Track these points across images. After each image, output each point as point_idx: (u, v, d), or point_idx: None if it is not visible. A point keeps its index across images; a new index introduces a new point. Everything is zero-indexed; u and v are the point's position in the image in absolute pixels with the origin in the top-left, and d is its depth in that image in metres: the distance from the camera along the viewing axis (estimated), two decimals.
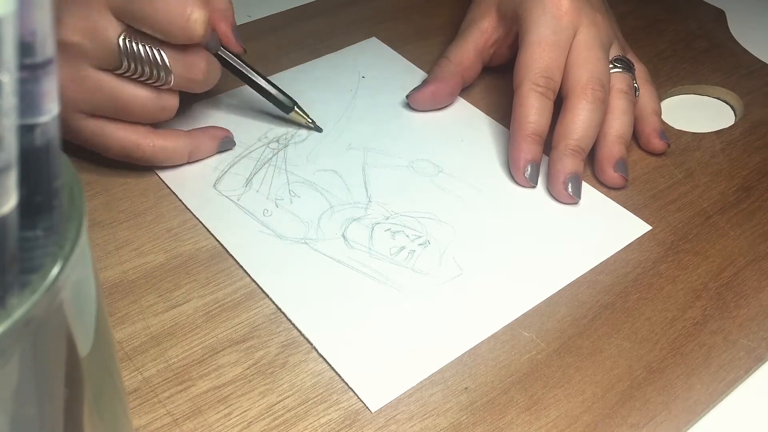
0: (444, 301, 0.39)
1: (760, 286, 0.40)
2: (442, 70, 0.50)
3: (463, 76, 0.51)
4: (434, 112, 0.51)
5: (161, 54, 0.41)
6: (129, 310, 0.38)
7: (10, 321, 0.15)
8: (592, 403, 0.35)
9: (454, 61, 0.50)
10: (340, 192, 0.44)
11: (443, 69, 0.50)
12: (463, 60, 0.50)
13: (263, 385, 0.35)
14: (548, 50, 0.45)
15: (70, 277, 0.17)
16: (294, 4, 0.60)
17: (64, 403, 0.19)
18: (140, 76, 0.41)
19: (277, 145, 0.47)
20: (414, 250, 0.41)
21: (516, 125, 0.45)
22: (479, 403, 0.34)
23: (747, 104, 0.53)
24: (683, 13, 0.62)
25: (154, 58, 0.40)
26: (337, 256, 0.41)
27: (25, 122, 0.16)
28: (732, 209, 0.45)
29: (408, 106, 0.51)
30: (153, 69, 0.41)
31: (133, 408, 0.34)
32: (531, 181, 0.45)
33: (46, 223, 0.17)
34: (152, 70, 0.41)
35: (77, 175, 0.19)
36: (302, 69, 0.54)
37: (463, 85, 0.51)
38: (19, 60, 0.15)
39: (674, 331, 0.38)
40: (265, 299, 0.39)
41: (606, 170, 0.45)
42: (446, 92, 0.50)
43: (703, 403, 0.35)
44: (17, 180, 0.16)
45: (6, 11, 0.14)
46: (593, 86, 0.45)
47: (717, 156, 0.48)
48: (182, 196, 0.44)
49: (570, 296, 0.39)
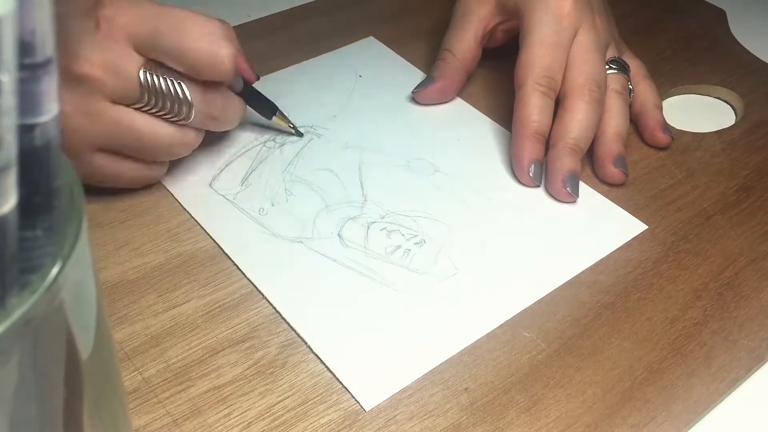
0: (439, 301, 0.39)
1: (761, 287, 0.40)
2: (448, 66, 0.50)
3: (467, 69, 0.51)
4: (431, 112, 0.51)
5: (182, 88, 0.40)
6: (129, 311, 0.38)
7: (10, 321, 0.15)
8: (593, 404, 0.35)
9: (458, 56, 0.50)
10: (336, 191, 0.44)
11: (449, 65, 0.50)
12: (467, 53, 0.51)
13: (263, 386, 0.35)
14: (550, 50, 0.46)
15: (70, 277, 0.17)
16: (293, 4, 0.60)
17: (64, 403, 0.19)
18: (161, 110, 0.40)
19: (273, 144, 0.47)
20: (409, 249, 0.41)
21: (519, 124, 0.45)
22: (479, 404, 0.34)
23: (747, 104, 0.53)
24: (684, 13, 0.62)
25: (175, 92, 0.39)
26: (333, 255, 0.41)
27: (25, 122, 0.16)
28: (732, 209, 0.45)
29: (406, 105, 0.51)
30: (174, 103, 0.40)
31: (132, 408, 0.34)
32: (535, 180, 0.45)
33: (46, 223, 0.17)
34: (173, 105, 0.40)
35: (77, 175, 0.19)
36: (299, 68, 0.54)
37: (468, 77, 0.52)
38: (19, 60, 0.15)
39: (675, 331, 0.38)
40: (265, 299, 0.38)
41: (606, 166, 0.45)
42: (453, 88, 0.51)
43: (704, 403, 0.35)
44: (17, 180, 0.16)
45: (6, 11, 0.14)
46: (590, 87, 0.45)
47: (717, 156, 0.48)
48: (178, 195, 0.44)
49: (570, 296, 0.39)
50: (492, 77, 0.53)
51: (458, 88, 0.51)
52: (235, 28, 0.56)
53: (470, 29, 0.51)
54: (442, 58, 0.51)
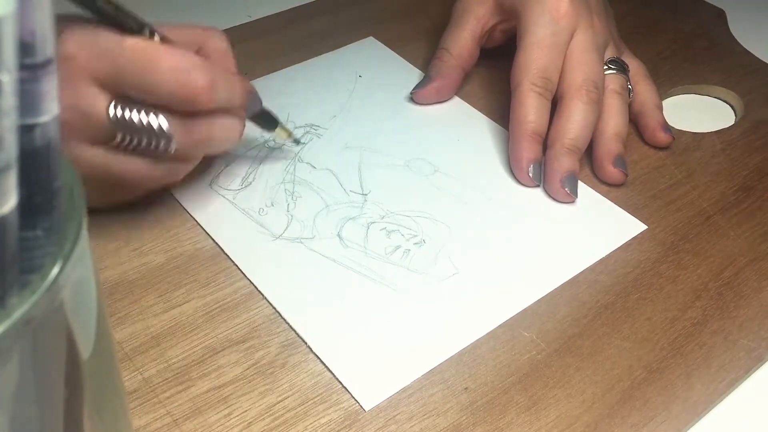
0: (439, 300, 0.39)
1: (760, 286, 0.40)
2: (444, 65, 0.50)
3: (464, 68, 0.51)
4: (431, 112, 0.51)
5: (159, 119, 0.36)
6: (129, 311, 0.38)
7: (10, 321, 0.15)
8: (592, 404, 0.35)
9: (455, 54, 0.50)
10: (335, 191, 0.44)
11: (445, 64, 0.50)
12: (463, 52, 0.51)
13: (263, 386, 0.35)
14: (546, 51, 0.46)
15: (70, 277, 0.17)
16: (294, 4, 0.61)
17: (64, 403, 0.19)
18: (138, 145, 0.36)
19: (273, 144, 0.47)
20: (409, 249, 0.41)
21: (516, 125, 0.45)
22: (479, 403, 0.34)
23: (747, 104, 0.53)
24: (683, 13, 0.62)
25: (150, 125, 0.36)
26: (333, 255, 0.41)
27: (25, 122, 0.16)
28: (732, 209, 0.45)
29: (406, 105, 0.51)
30: (152, 138, 0.36)
31: (133, 408, 0.34)
32: (534, 180, 0.45)
33: (46, 223, 0.17)
34: (151, 139, 0.36)
35: (77, 175, 0.19)
36: (299, 68, 0.54)
37: (465, 76, 0.52)
38: (19, 60, 0.15)
39: (674, 331, 0.38)
40: (265, 299, 0.38)
41: (605, 167, 0.45)
42: (450, 87, 0.51)
43: (703, 403, 0.35)
44: (17, 180, 0.16)
45: (6, 11, 0.14)
46: (588, 88, 0.45)
47: (717, 156, 0.48)
48: (178, 195, 0.44)
49: (570, 296, 0.39)
50: (492, 77, 0.53)
51: (456, 86, 0.51)
52: (235, 28, 0.57)
53: (467, 28, 0.51)
54: (438, 57, 0.51)
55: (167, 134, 0.36)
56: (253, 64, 0.53)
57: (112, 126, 0.36)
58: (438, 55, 0.51)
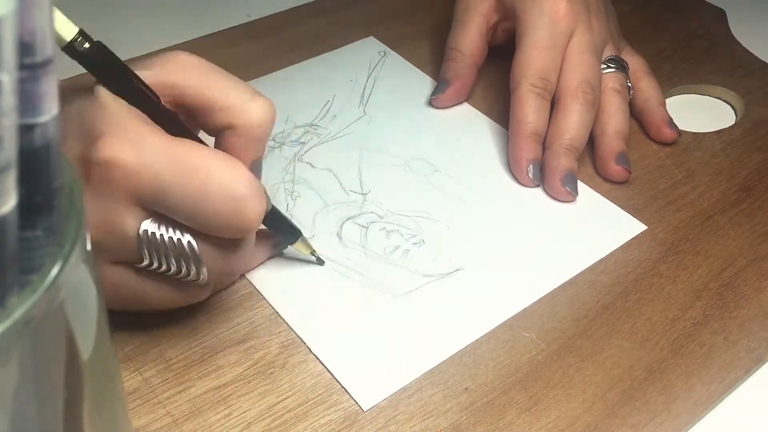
0: (438, 301, 0.39)
1: (761, 286, 0.40)
2: (459, 66, 0.50)
3: (477, 65, 0.51)
4: (431, 112, 0.51)
5: (192, 246, 0.32)
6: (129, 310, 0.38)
7: (10, 321, 0.15)
8: (593, 404, 0.35)
9: (467, 54, 0.51)
10: (335, 190, 0.44)
11: (459, 65, 0.50)
12: (474, 50, 0.51)
13: (263, 386, 0.35)
14: (545, 53, 0.46)
15: (70, 277, 0.17)
16: (294, 4, 0.60)
17: (64, 403, 0.19)
18: (166, 271, 0.33)
19: (273, 144, 0.47)
20: (408, 249, 0.41)
21: (515, 125, 0.46)
22: (479, 404, 0.34)
23: (747, 104, 0.53)
24: (684, 13, 0.62)
25: (182, 250, 0.32)
26: (332, 254, 0.41)
27: (25, 122, 0.16)
28: (732, 209, 0.45)
29: (406, 105, 0.51)
30: (182, 264, 0.32)
31: (132, 408, 0.34)
32: (534, 180, 0.45)
33: (46, 223, 0.17)
34: (180, 265, 0.32)
35: (77, 175, 0.19)
36: (298, 68, 0.54)
37: (478, 73, 0.52)
38: (19, 60, 0.15)
39: (675, 331, 0.38)
40: (265, 300, 0.38)
41: (608, 164, 0.46)
42: (467, 87, 0.51)
43: (704, 403, 0.35)
44: (17, 180, 0.15)
45: (6, 11, 0.14)
46: (584, 89, 0.45)
47: (717, 156, 0.48)
48: None
49: (570, 296, 0.39)
50: (492, 77, 0.53)
51: (472, 86, 0.51)
52: (235, 28, 0.57)
53: (473, 25, 0.51)
54: (450, 58, 0.51)
55: (199, 260, 0.32)
56: (253, 64, 0.53)
57: (141, 248, 0.32)
58: (450, 57, 0.51)
